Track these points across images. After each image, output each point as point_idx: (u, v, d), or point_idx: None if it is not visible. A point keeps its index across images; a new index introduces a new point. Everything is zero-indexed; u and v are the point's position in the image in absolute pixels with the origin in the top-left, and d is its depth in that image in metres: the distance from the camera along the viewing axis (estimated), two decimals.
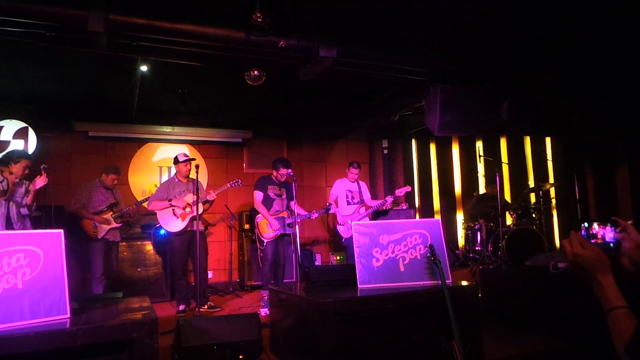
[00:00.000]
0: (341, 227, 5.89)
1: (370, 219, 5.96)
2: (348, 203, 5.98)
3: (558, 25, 4.39)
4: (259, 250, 5.49)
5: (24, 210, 4.53)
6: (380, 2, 3.94)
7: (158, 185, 6.37)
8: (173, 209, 5.14)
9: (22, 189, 4.59)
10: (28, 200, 4.48)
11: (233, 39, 4.02)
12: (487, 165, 7.91)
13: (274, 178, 5.42)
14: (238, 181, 5.35)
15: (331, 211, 5.66)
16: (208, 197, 5.15)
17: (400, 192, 5.96)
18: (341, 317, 2.86)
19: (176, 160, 5.29)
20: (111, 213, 5.21)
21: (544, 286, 4.04)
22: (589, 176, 6.90)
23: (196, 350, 3.05)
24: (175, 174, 5.37)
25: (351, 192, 6.04)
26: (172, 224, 5.14)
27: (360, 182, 6.15)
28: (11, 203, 4.39)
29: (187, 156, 5.30)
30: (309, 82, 4.96)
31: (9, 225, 4.33)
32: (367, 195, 6.14)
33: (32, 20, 3.57)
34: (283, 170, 5.32)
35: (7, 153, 4.77)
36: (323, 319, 2.84)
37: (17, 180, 4.46)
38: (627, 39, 4.64)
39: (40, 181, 4.43)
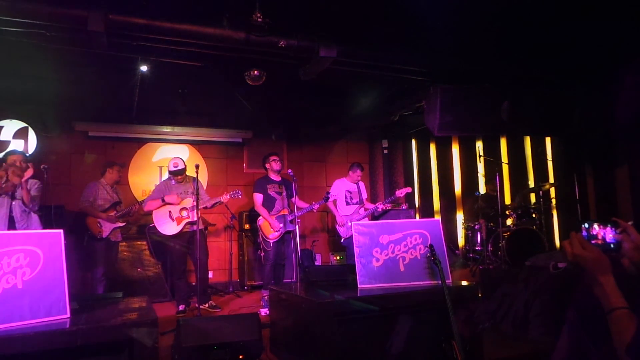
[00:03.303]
0: (340, 227, 5.88)
1: (370, 219, 5.95)
2: (347, 203, 5.98)
3: (558, 25, 4.39)
4: (260, 251, 5.50)
5: (29, 207, 4.50)
6: (381, 2, 3.94)
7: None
8: (169, 211, 5.10)
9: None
10: (24, 195, 4.35)
11: (233, 39, 4.02)
12: (487, 165, 7.91)
13: (271, 176, 5.43)
14: (238, 192, 5.23)
15: (330, 199, 5.64)
16: (222, 199, 5.12)
17: (401, 193, 5.93)
18: (341, 317, 2.86)
19: (167, 169, 5.23)
20: (115, 212, 5.22)
21: (543, 286, 4.03)
22: (589, 176, 6.89)
23: (196, 350, 3.05)
24: (173, 177, 5.31)
25: (350, 192, 6.03)
26: (166, 226, 5.08)
27: (359, 182, 6.15)
28: (14, 202, 4.39)
29: (176, 167, 5.13)
30: (309, 82, 4.96)
31: (11, 224, 4.31)
32: (364, 195, 6.13)
33: (32, 20, 3.57)
34: (273, 157, 5.41)
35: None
36: (323, 319, 2.84)
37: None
38: (628, 38, 4.64)
39: (28, 172, 4.34)
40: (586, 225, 1.35)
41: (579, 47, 4.85)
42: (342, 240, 5.97)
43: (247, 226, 6.82)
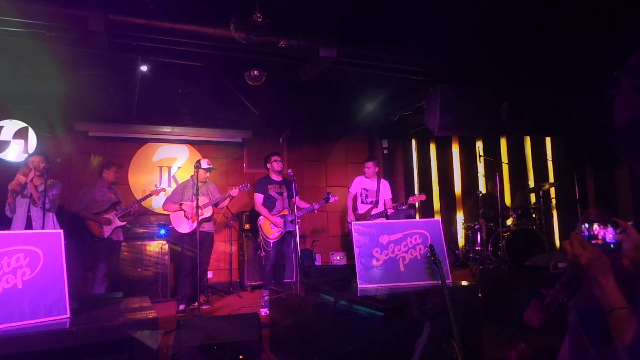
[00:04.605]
0: (349, 224, 5.85)
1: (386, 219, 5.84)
2: (362, 202, 5.94)
3: (558, 25, 4.39)
4: (260, 251, 5.52)
5: (44, 206, 4.56)
6: (381, 2, 3.94)
7: (158, 185, 6.41)
8: (184, 210, 5.32)
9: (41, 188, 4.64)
10: (33, 192, 4.54)
11: (233, 39, 4.02)
12: (487, 165, 7.91)
13: (272, 176, 5.43)
14: (246, 185, 5.38)
15: (331, 200, 5.61)
16: (231, 193, 5.29)
17: (414, 200, 5.82)
18: (341, 317, 2.86)
19: (198, 165, 5.25)
20: (115, 212, 5.23)
21: (543, 286, 4.04)
22: (589, 176, 6.89)
23: (196, 350, 3.05)
24: (192, 176, 5.49)
25: (366, 190, 5.95)
26: (182, 225, 5.34)
27: (382, 180, 6.04)
28: (31, 201, 4.51)
29: (209, 164, 5.36)
30: (309, 82, 4.96)
31: (28, 223, 4.54)
32: (387, 195, 5.96)
33: (32, 20, 3.57)
34: (275, 157, 5.42)
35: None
36: (323, 319, 2.84)
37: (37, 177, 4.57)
38: (627, 38, 4.64)
39: (31, 174, 4.51)
40: (586, 225, 1.34)
41: (579, 47, 4.84)
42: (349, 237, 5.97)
43: (247, 226, 6.82)
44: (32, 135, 6.33)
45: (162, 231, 6.07)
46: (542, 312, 1.85)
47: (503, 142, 8.39)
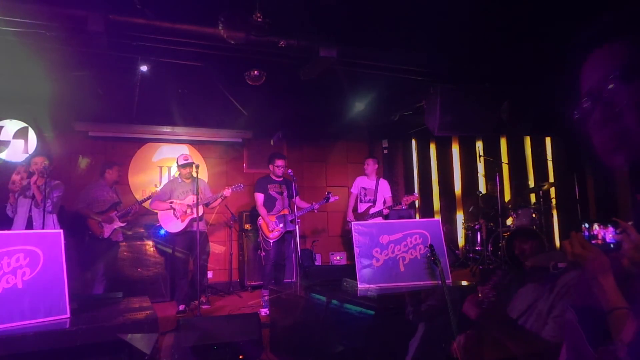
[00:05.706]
0: (348, 222, 5.90)
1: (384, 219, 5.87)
2: (361, 200, 5.98)
3: (558, 25, 4.39)
4: (260, 251, 5.52)
5: (47, 207, 4.57)
6: (381, 2, 3.94)
7: (158, 185, 6.40)
8: (174, 209, 5.23)
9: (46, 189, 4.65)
10: (36, 194, 4.54)
11: (233, 39, 4.02)
12: (487, 165, 7.91)
13: (273, 176, 5.44)
14: (240, 185, 5.34)
15: (331, 200, 5.60)
16: (224, 193, 5.22)
17: (407, 201, 5.84)
18: (341, 317, 2.86)
19: (176, 163, 5.35)
20: (115, 212, 5.24)
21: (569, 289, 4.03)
22: (589, 176, 6.90)
23: (196, 350, 3.05)
24: (179, 174, 5.46)
25: (365, 189, 6.01)
26: (171, 224, 5.24)
27: (382, 179, 6.08)
28: (34, 203, 4.51)
29: (186, 160, 5.28)
30: (309, 82, 4.96)
31: (29, 223, 4.56)
32: (387, 194, 5.99)
33: (32, 20, 3.57)
34: (279, 162, 5.40)
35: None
36: (322, 319, 2.84)
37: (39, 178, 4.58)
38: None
39: (34, 177, 4.53)
40: (586, 225, 1.34)
41: (580, 47, 4.84)
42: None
43: (247, 226, 6.81)
44: (32, 135, 6.33)
45: (162, 231, 6.06)
46: (477, 306, 1.97)
47: (503, 142, 8.39)
